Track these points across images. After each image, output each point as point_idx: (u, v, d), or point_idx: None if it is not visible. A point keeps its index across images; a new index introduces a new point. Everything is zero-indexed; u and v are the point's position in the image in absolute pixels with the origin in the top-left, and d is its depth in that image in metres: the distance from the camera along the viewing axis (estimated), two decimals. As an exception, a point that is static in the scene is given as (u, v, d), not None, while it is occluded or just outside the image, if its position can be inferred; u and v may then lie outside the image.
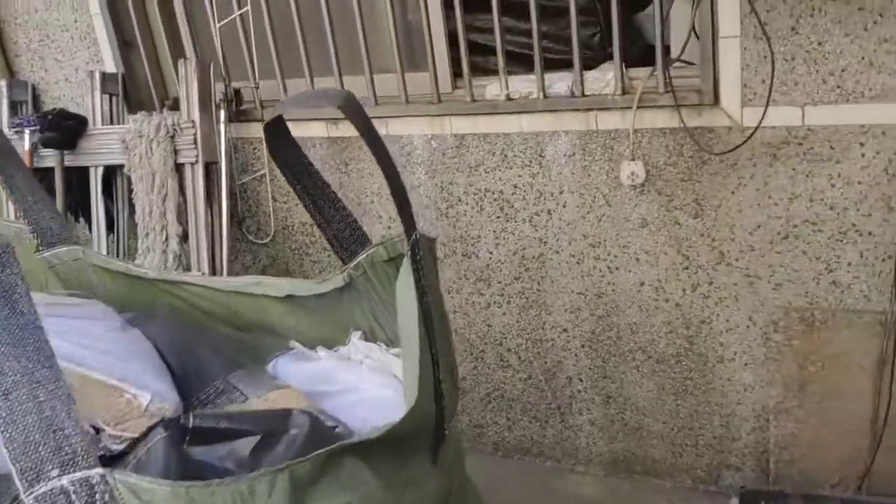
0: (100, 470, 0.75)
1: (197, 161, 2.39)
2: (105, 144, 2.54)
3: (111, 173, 2.61)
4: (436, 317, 1.10)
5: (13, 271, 0.76)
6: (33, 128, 2.53)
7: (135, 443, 1.05)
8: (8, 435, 0.71)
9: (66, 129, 2.53)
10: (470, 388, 2.54)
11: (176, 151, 2.39)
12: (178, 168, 2.42)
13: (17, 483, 0.70)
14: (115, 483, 0.76)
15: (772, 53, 1.83)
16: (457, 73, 2.27)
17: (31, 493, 0.71)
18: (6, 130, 2.63)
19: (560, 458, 2.50)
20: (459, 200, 2.30)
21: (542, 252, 2.26)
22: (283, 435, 1.04)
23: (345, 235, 1.35)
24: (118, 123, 2.59)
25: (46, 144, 2.52)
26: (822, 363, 2.01)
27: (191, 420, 1.06)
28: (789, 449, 2.13)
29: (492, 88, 2.20)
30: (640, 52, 2.45)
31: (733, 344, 2.12)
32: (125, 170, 2.48)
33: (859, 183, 1.86)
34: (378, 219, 2.43)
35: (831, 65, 1.82)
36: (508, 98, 2.15)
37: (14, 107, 2.79)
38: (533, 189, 2.20)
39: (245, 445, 1.05)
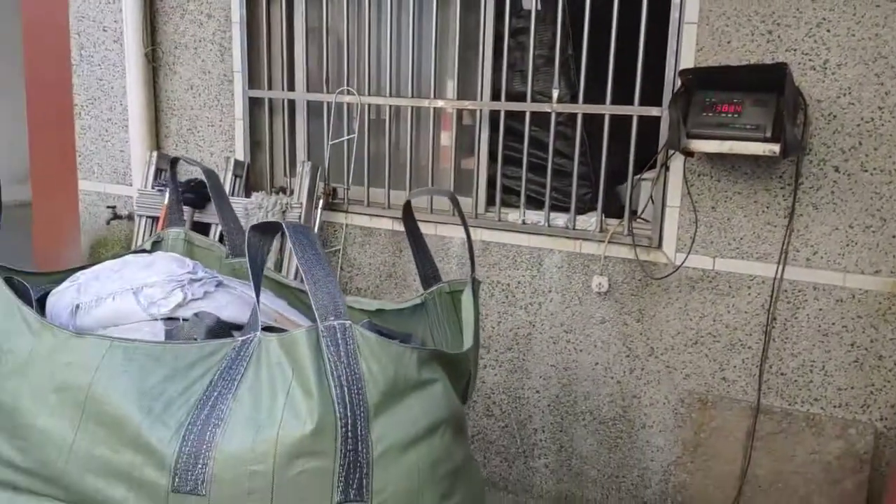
0: (348, 321, 1.64)
1: (297, 230, 3.36)
2: (228, 209, 3.51)
3: (225, 230, 3.56)
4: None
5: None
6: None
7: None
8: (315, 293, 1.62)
9: (201, 194, 3.51)
10: (459, 431, 3.39)
11: (283, 221, 3.37)
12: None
13: (316, 317, 1.59)
14: (355, 330, 1.62)
15: (697, 221, 2.86)
16: (490, 202, 3.29)
17: (323, 323, 1.58)
18: (151, 189, 3.62)
19: (519, 493, 3.33)
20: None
21: (530, 332, 3.20)
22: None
23: (428, 273, 2.28)
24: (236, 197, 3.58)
25: (186, 202, 3.48)
26: (710, 433, 2.92)
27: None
28: (682, 494, 2.99)
29: (513, 215, 3.22)
30: (615, 209, 3.49)
31: (653, 415, 3.03)
32: (241, 229, 3.44)
33: (745, 312, 2.85)
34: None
35: (734, 233, 2.84)
36: (523, 223, 3.17)
37: (157, 173, 3.77)
38: (530, 286, 3.17)
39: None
